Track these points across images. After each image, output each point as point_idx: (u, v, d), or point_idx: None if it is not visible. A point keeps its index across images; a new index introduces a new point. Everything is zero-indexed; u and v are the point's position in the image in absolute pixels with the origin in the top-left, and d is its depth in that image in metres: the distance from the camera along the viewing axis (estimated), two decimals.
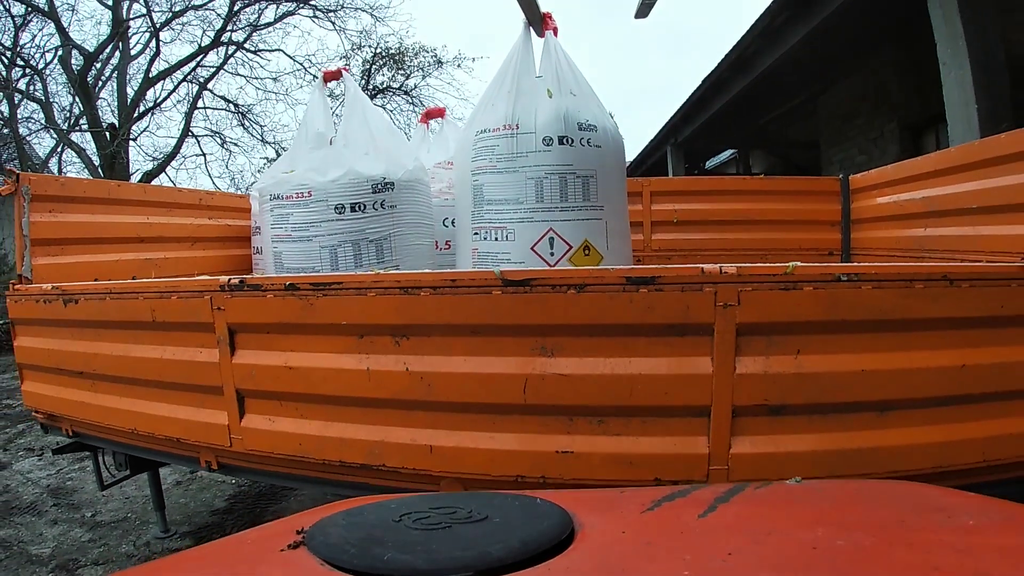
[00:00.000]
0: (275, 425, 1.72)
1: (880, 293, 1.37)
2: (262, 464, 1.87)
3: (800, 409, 1.38)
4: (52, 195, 2.83)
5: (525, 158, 2.44)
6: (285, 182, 2.38)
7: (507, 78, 2.57)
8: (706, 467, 1.38)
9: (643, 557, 0.57)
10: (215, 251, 3.81)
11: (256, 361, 1.70)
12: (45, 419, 2.62)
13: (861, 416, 1.43)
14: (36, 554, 2.96)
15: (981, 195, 2.76)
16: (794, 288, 1.31)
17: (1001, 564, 0.54)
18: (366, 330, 1.48)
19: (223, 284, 1.71)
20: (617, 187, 2.66)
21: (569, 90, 2.51)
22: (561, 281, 1.35)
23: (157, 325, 1.96)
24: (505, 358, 1.39)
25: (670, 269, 1.30)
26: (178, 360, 1.92)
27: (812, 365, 1.36)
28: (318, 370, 1.56)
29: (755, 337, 1.32)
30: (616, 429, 1.37)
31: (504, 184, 2.47)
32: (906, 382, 1.43)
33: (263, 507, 3.62)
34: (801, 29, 5.71)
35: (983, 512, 0.66)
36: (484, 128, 2.55)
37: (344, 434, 1.58)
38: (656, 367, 1.34)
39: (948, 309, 1.43)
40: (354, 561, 0.56)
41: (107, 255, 3.09)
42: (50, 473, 4.12)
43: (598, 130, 2.52)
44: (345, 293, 1.47)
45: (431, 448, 1.47)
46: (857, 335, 1.38)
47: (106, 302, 2.12)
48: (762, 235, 3.84)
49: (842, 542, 0.57)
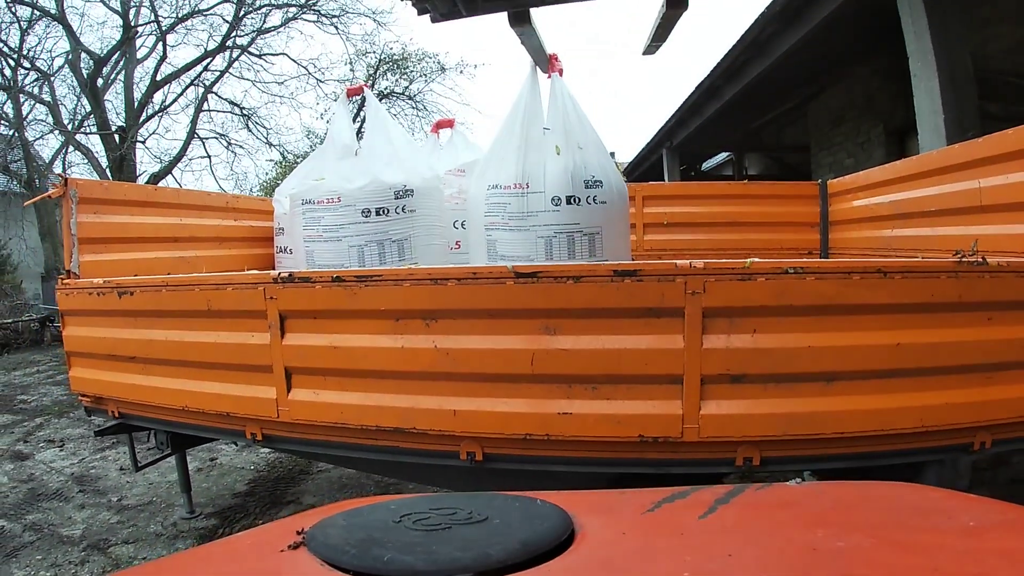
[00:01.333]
0: (319, 397, 2.02)
1: (822, 283, 1.67)
2: (305, 433, 2.17)
3: (757, 378, 1.69)
4: (97, 198, 3.07)
5: (535, 217, 2.62)
6: (316, 188, 2.69)
7: (516, 128, 2.71)
8: (680, 426, 1.69)
9: (643, 558, 0.57)
10: (239, 250, 4.01)
11: (304, 342, 2.00)
12: (91, 402, 2.85)
13: (810, 384, 1.72)
14: (67, 535, 3.11)
15: (939, 199, 3.04)
16: (750, 279, 1.62)
17: (1001, 566, 0.54)
18: (401, 314, 1.80)
19: (275, 277, 2.02)
20: (621, 239, 2.83)
21: (576, 143, 2.65)
22: (562, 274, 1.67)
23: (212, 313, 2.24)
24: (516, 336, 1.72)
25: (649, 264, 1.63)
26: (231, 343, 2.19)
27: (766, 342, 1.66)
28: (359, 349, 1.87)
29: (718, 319, 1.64)
30: (607, 394, 1.69)
31: (515, 242, 2.65)
32: (848, 356, 1.71)
33: (282, 490, 3.75)
34: (789, 40, 5.94)
35: (983, 514, 0.66)
36: (496, 184, 2.72)
37: (381, 403, 1.89)
38: (638, 343, 1.66)
39: (883, 296, 1.71)
40: (354, 562, 0.57)
41: (145, 253, 3.32)
42: (72, 462, 4.29)
43: (603, 186, 2.67)
44: (384, 284, 1.79)
45: (454, 412, 1.79)
46: (804, 317, 1.69)
47: (162, 294, 2.40)
48: (746, 236, 4.13)
49: (842, 544, 0.57)
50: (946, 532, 0.63)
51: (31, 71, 12.90)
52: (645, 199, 4.12)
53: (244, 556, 0.68)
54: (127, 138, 13.11)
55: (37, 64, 12.90)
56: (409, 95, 15.12)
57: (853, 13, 5.19)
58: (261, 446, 2.47)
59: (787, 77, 7.09)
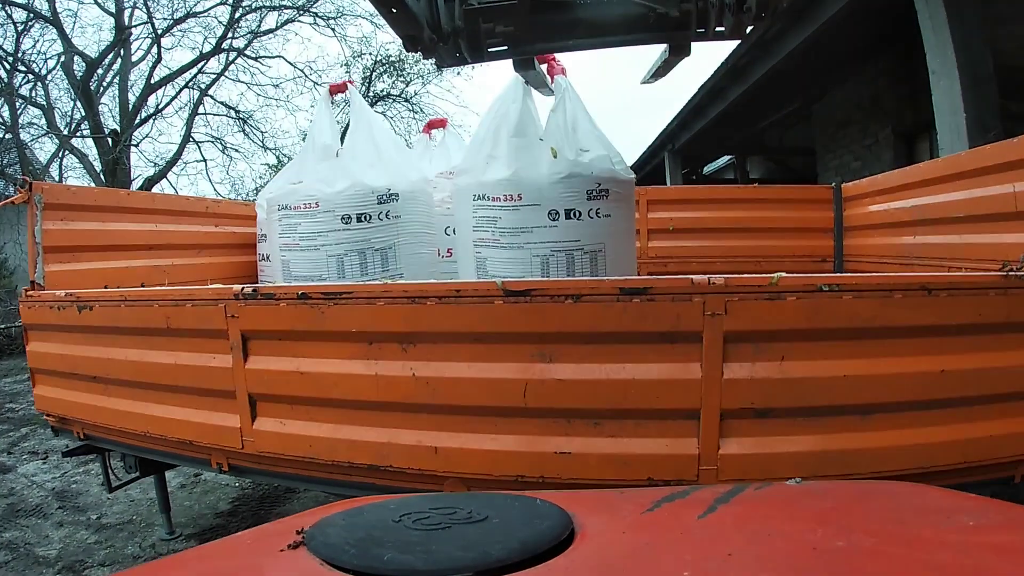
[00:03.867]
0: (286, 428, 1.79)
1: (860, 303, 1.45)
2: (273, 466, 1.95)
3: (785, 412, 1.46)
4: (64, 203, 2.87)
5: (530, 234, 2.26)
6: (293, 193, 2.46)
7: (504, 126, 2.33)
8: (696, 467, 1.46)
9: (643, 557, 0.57)
10: (221, 258, 3.83)
11: (268, 367, 1.78)
12: (56, 422, 2.66)
13: (844, 419, 1.50)
14: (43, 556, 2.97)
15: (967, 204, 2.84)
16: (778, 298, 1.39)
17: (1000, 564, 0.55)
18: (375, 337, 1.57)
19: (237, 293, 1.79)
20: (626, 254, 2.47)
21: (578, 147, 2.30)
22: (559, 292, 1.43)
23: (171, 332, 2.03)
24: (506, 364, 1.48)
25: (661, 280, 1.39)
26: (192, 365, 1.98)
27: (796, 370, 1.44)
28: (329, 375, 1.64)
29: (742, 344, 1.41)
30: (611, 431, 1.45)
31: (508, 260, 2.30)
32: (888, 386, 1.50)
33: (267, 509, 3.64)
34: (795, 39, 5.78)
35: (982, 513, 0.67)
36: (483, 194, 2.35)
37: (353, 436, 1.66)
38: (648, 372, 1.42)
39: (927, 317, 1.50)
40: (354, 561, 0.57)
41: (117, 262, 3.14)
42: (55, 476, 4.14)
43: (610, 194, 2.31)
44: (355, 302, 1.56)
45: (436, 449, 1.55)
46: (839, 342, 1.46)
47: (121, 309, 2.19)
48: (756, 242, 3.91)
49: (842, 543, 0.57)
50: (946, 531, 0.63)
51: (27, 74, 12.77)
52: (650, 203, 3.89)
53: (244, 555, 0.67)
54: (120, 141, 12.92)
55: (32, 67, 12.76)
56: (405, 97, 14.93)
57: (862, 10, 5.00)
58: (230, 475, 2.27)
59: (793, 77, 6.94)
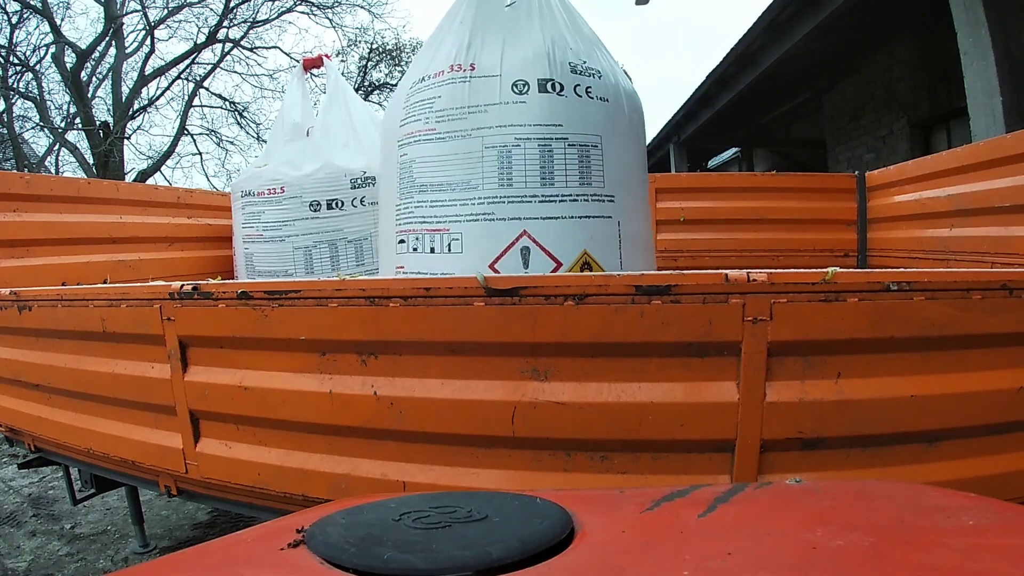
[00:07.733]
0: (232, 452, 1.51)
1: (933, 305, 1.15)
2: (221, 493, 1.67)
3: (839, 442, 1.17)
4: (16, 193, 2.73)
5: (483, 114, 1.57)
6: (256, 177, 2.17)
7: (463, 6, 1.75)
8: None
9: (643, 557, 0.57)
10: (195, 252, 3.64)
11: (210, 379, 1.49)
12: (8, 432, 2.45)
13: (908, 448, 1.24)
14: (12, 568, 2.89)
15: (1014, 192, 2.57)
16: (836, 299, 1.09)
17: (1001, 565, 0.54)
18: (328, 347, 1.27)
19: (173, 292, 1.50)
20: (634, 165, 1.83)
21: (560, 19, 1.70)
22: (556, 291, 1.13)
23: (108, 336, 1.76)
24: (490, 382, 1.17)
25: (689, 276, 1.08)
26: (130, 375, 1.71)
27: (855, 391, 1.14)
28: (275, 391, 1.35)
29: (789, 358, 1.11)
30: (622, 467, 1.15)
31: (447, 158, 1.59)
32: (960, 408, 1.23)
33: (247, 521, 3.48)
34: (809, 23, 5.57)
35: (982, 512, 0.66)
36: (423, 76, 1.71)
37: (306, 465, 1.36)
38: (670, 394, 1.12)
39: (1008, 324, 1.23)
40: (354, 560, 0.56)
41: (76, 256, 2.96)
42: (32, 481, 4.04)
43: (603, 76, 1.69)
44: (304, 303, 1.26)
45: (404, 485, 1.25)
46: (907, 354, 1.18)
47: (58, 310, 1.92)
48: (773, 235, 3.64)
49: (842, 542, 0.57)
50: (946, 531, 0.61)
51: (19, 66, 12.56)
52: (659, 192, 3.59)
53: (243, 555, 0.66)
54: (111, 134, 12.67)
55: (23, 59, 12.54)
56: None
57: None
58: (180, 498, 2.01)
59: (804, 65, 6.70)
